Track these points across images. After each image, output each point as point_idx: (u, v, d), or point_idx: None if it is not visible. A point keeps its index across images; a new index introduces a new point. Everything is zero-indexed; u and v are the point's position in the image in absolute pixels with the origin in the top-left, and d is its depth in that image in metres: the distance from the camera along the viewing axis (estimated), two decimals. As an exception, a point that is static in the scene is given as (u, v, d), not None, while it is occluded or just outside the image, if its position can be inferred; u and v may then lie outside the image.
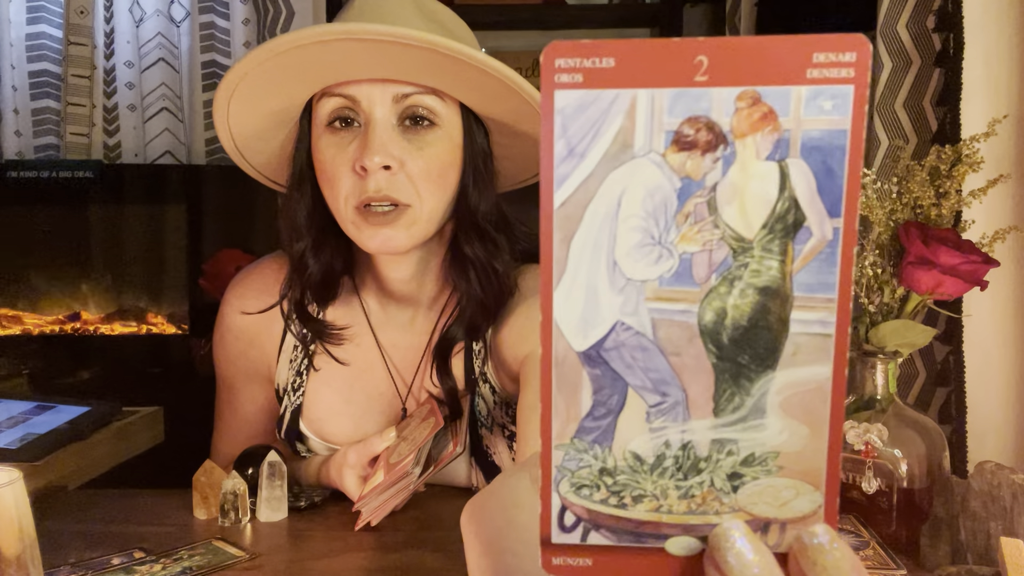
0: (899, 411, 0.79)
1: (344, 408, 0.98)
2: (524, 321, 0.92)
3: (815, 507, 0.28)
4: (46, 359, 1.83)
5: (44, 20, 1.95)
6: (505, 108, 0.86)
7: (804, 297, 0.27)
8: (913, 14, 1.15)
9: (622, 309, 0.28)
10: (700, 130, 0.26)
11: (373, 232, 0.84)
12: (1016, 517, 0.69)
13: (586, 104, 0.27)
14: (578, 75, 0.27)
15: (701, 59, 0.26)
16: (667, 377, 0.28)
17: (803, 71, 0.26)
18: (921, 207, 0.81)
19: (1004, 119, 0.96)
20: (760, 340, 0.27)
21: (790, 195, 0.26)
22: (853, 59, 0.26)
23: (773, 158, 0.26)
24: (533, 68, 2.62)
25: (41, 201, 1.85)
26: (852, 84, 0.26)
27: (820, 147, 0.26)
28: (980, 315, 1.03)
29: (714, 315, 0.27)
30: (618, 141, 0.27)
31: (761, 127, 0.26)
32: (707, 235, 0.27)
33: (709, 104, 0.26)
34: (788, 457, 0.28)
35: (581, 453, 0.28)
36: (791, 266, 0.27)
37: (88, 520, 0.87)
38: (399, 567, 0.75)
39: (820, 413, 0.27)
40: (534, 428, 0.82)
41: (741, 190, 0.27)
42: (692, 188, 0.27)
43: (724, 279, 0.27)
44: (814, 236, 0.27)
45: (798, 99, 0.26)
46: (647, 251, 0.27)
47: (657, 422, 0.28)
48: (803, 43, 0.26)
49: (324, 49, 0.79)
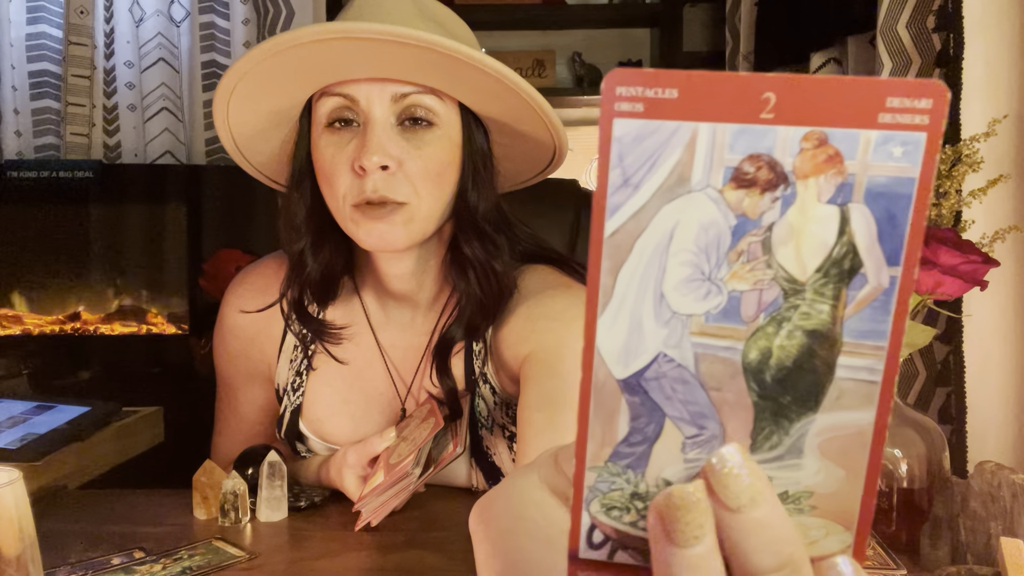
0: (899, 411, 0.79)
1: (344, 408, 0.98)
2: (524, 322, 0.91)
3: (844, 547, 0.28)
4: (46, 359, 1.83)
5: (44, 20, 1.95)
6: (504, 108, 0.86)
7: (853, 343, 0.26)
8: (913, 14, 1.15)
9: (666, 341, 0.27)
10: (761, 168, 0.26)
11: (371, 228, 0.84)
12: (1016, 517, 0.69)
13: (645, 134, 0.26)
14: (639, 104, 0.26)
15: (768, 96, 0.25)
16: (706, 411, 0.28)
17: (875, 115, 0.25)
18: (921, 207, 0.81)
19: (1004, 119, 0.96)
20: (804, 382, 0.27)
21: (849, 240, 0.26)
22: (929, 106, 0.25)
23: (835, 202, 0.26)
24: (533, 68, 2.61)
25: (41, 201, 1.85)
26: (925, 131, 0.25)
27: (885, 194, 0.25)
28: (980, 315, 1.03)
29: (759, 354, 0.27)
30: (675, 174, 0.26)
31: (825, 169, 0.25)
32: (759, 274, 0.27)
33: (773, 142, 0.26)
34: (822, 498, 0.28)
35: (614, 476, 0.28)
36: (843, 311, 0.26)
37: (88, 520, 0.87)
38: (399, 567, 0.75)
39: (858, 458, 0.27)
40: (534, 430, 0.82)
41: (798, 232, 0.26)
42: (747, 226, 0.26)
43: (772, 319, 0.27)
44: (869, 283, 0.26)
45: (867, 143, 0.25)
46: (696, 286, 0.27)
47: (692, 453, 0.28)
48: (878, 86, 0.25)
49: (322, 48, 0.79)
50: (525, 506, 0.35)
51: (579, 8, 2.57)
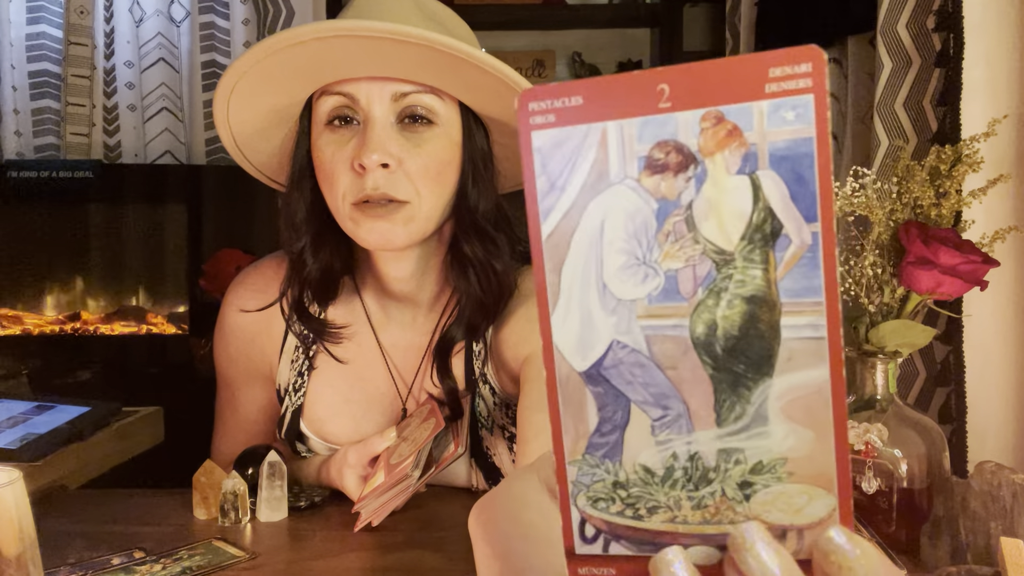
0: (899, 411, 0.79)
1: (345, 408, 0.98)
2: (524, 323, 0.91)
3: (830, 510, 0.28)
4: (46, 359, 1.83)
5: (44, 20, 1.95)
6: (504, 106, 0.86)
7: (791, 303, 0.27)
8: (913, 14, 1.15)
9: (616, 329, 0.29)
10: (670, 153, 0.28)
11: (371, 226, 0.84)
12: (1016, 517, 0.69)
13: (561, 141, 0.28)
14: (551, 115, 0.28)
15: (663, 87, 0.27)
16: (666, 391, 0.29)
17: (761, 86, 0.27)
18: (921, 207, 0.81)
19: (1004, 119, 0.96)
20: (753, 348, 0.28)
21: (764, 205, 0.27)
22: (809, 69, 0.26)
23: (743, 172, 0.27)
24: (533, 68, 2.61)
25: (41, 201, 1.85)
26: (811, 93, 0.26)
27: (788, 156, 0.27)
28: (980, 315, 1.03)
29: (705, 327, 0.28)
30: (594, 171, 0.28)
31: (728, 144, 0.27)
32: (689, 251, 0.28)
33: (675, 128, 0.27)
34: (796, 463, 0.28)
35: (593, 468, 0.29)
36: (775, 273, 0.27)
37: (88, 520, 0.87)
38: (399, 567, 0.75)
39: (823, 416, 0.27)
40: (534, 431, 0.82)
41: (716, 205, 0.28)
42: (669, 208, 0.28)
43: (711, 292, 0.28)
44: (793, 242, 0.27)
45: (760, 113, 0.27)
46: (633, 272, 0.28)
47: (662, 435, 0.29)
48: (758, 60, 0.27)
49: (322, 46, 0.79)
50: (525, 508, 0.35)
51: (579, 8, 2.57)
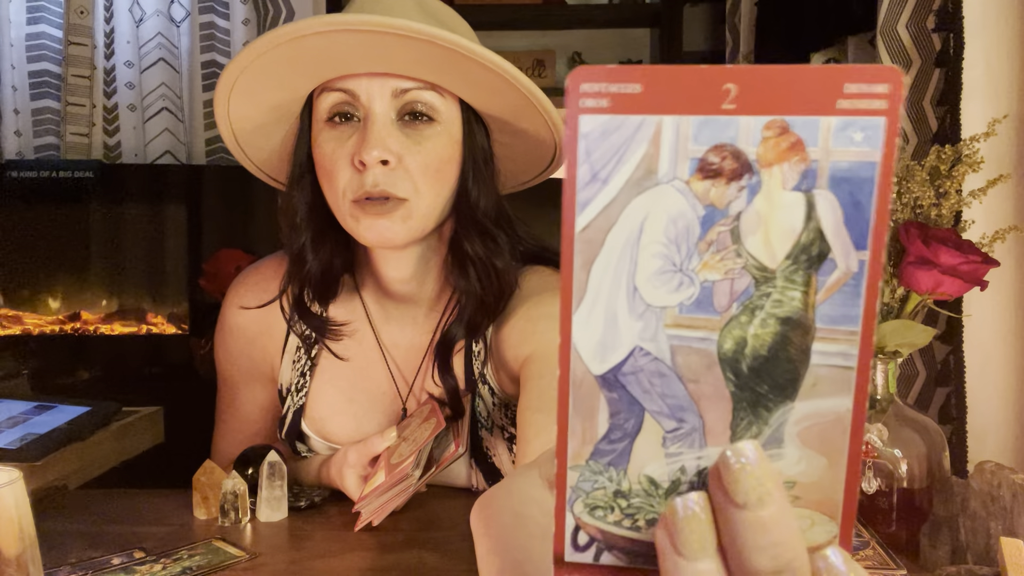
0: (899, 411, 0.79)
1: (346, 407, 0.98)
2: (525, 323, 0.91)
3: (830, 537, 0.27)
4: (46, 359, 1.83)
5: (44, 20, 1.95)
6: (504, 104, 0.86)
7: (826, 329, 0.26)
8: (913, 14, 1.15)
9: (641, 335, 0.27)
10: (726, 158, 0.26)
11: (370, 223, 0.84)
12: (1016, 517, 0.69)
13: (611, 129, 0.26)
14: (604, 100, 0.26)
15: (729, 87, 0.26)
16: (684, 404, 0.28)
17: (833, 101, 0.25)
18: (921, 207, 0.81)
19: (1004, 119, 0.96)
20: (780, 370, 0.27)
21: (816, 226, 0.26)
22: (886, 90, 0.25)
23: (800, 189, 0.26)
24: (534, 68, 2.61)
25: (41, 201, 1.85)
26: (884, 116, 0.25)
27: (848, 179, 0.26)
28: (980, 315, 1.03)
29: (734, 344, 0.27)
30: (642, 167, 0.26)
31: (788, 157, 0.26)
32: (729, 264, 0.27)
33: (736, 132, 0.26)
34: (804, 487, 0.27)
35: (596, 475, 0.28)
36: (814, 297, 0.26)
37: (88, 520, 0.87)
38: (399, 567, 0.75)
39: (838, 445, 0.27)
40: (534, 430, 0.82)
41: (766, 220, 0.26)
42: (716, 216, 0.26)
43: (745, 308, 0.27)
44: (839, 268, 0.26)
45: (827, 130, 0.25)
46: (668, 278, 0.27)
47: (673, 448, 0.28)
48: (835, 73, 0.25)
49: (323, 41, 0.80)
50: (525, 504, 0.35)
51: (579, 8, 2.57)
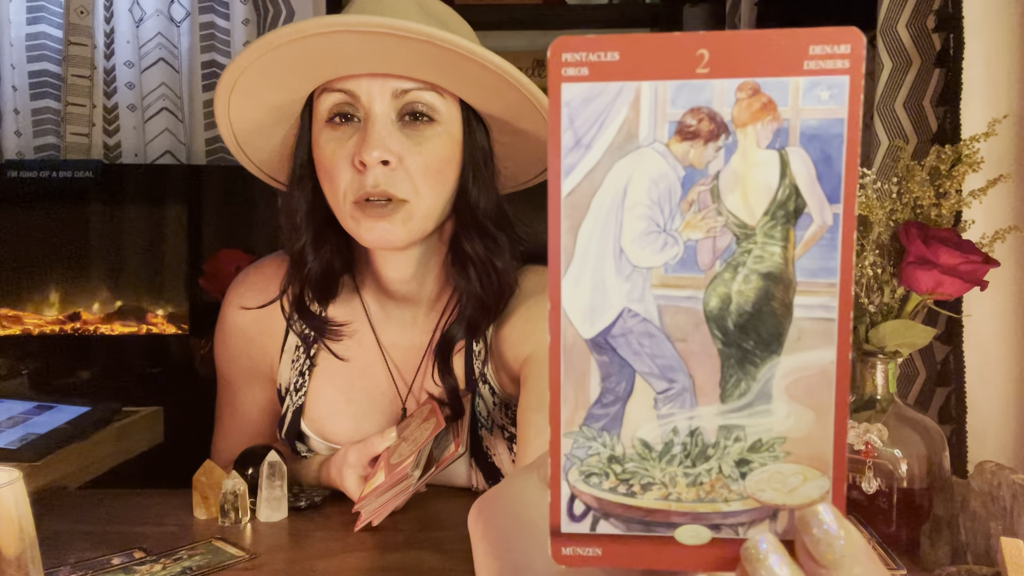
0: (899, 411, 0.79)
1: (346, 407, 0.98)
2: (525, 322, 0.91)
3: (823, 493, 0.28)
4: (46, 359, 1.83)
5: (44, 20, 1.95)
6: (504, 104, 0.86)
7: (806, 282, 0.27)
8: (913, 14, 1.15)
9: (629, 296, 0.28)
10: (702, 120, 0.27)
11: (371, 225, 0.84)
12: (1016, 517, 0.69)
13: (592, 96, 0.27)
14: (584, 68, 0.27)
15: (702, 52, 0.27)
16: (674, 363, 0.28)
17: (800, 63, 0.27)
18: (921, 207, 0.81)
19: (1004, 119, 0.96)
20: (764, 325, 0.28)
21: (790, 182, 0.27)
22: (848, 51, 0.27)
23: (773, 147, 0.27)
24: (534, 68, 2.61)
25: (41, 201, 1.85)
26: (848, 75, 0.27)
27: (818, 136, 0.27)
28: (980, 315, 1.03)
29: (719, 301, 0.28)
30: (623, 132, 0.27)
31: (761, 117, 0.27)
32: (711, 222, 0.28)
33: (711, 95, 0.27)
34: (795, 443, 0.28)
35: (590, 441, 0.29)
36: (793, 252, 0.27)
37: (88, 520, 0.87)
38: (399, 567, 0.75)
39: (825, 398, 0.28)
40: (535, 430, 0.82)
41: (743, 178, 0.27)
42: (695, 176, 0.28)
43: (728, 265, 0.28)
44: (815, 222, 0.27)
45: (796, 89, 0.27)
46: (652, 239, 0.28)
47: (665, 409, 0.28)
48: (800, 35, 0.27)
49: (324, 41, 0.80)
50: (524, 507, 0.35)
51: (579, 8, 2.57)
